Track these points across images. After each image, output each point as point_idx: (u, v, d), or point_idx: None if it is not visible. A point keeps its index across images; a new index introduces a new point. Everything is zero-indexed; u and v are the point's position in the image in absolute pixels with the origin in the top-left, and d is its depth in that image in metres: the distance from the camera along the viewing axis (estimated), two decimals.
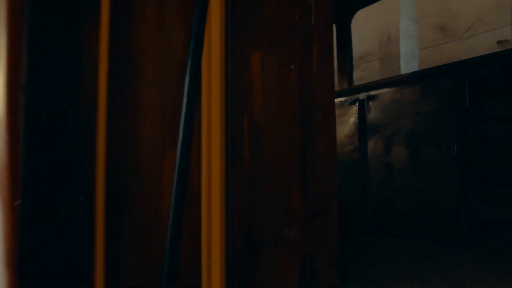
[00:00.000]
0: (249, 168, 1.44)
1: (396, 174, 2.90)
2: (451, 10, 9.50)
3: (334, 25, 5.23)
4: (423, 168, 2.70)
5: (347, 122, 3.28)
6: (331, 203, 1.57)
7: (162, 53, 1.31)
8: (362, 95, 3.23)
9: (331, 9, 1.74)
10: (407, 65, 8.60)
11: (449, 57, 9.37)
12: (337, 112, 3.37)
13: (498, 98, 2.41)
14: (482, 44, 8.85)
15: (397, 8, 8.59)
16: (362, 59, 11.65)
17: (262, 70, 1.49)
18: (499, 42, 8.58)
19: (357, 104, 3.21)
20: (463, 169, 2.54)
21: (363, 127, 3.17)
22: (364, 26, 10.92)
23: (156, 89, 1.30)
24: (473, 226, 2.50)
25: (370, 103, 3.09)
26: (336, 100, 3.54)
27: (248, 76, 1.45)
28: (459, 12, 9.32)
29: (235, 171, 1.42)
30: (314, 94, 1.58)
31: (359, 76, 11.68)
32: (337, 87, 4.68)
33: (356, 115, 3.21)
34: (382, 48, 9.08)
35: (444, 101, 2.56)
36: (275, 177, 1.49)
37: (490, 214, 2.41)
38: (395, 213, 2.89)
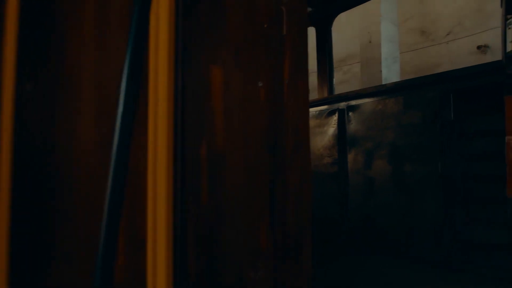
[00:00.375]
0: (208, 202, 1.23)
1: (377, 190, 2.73)
2: (431, 14, 9.46)
3: (314, 30, 5.07)
4: (406, 184, 2.54)
5: (326, 133, 3.10)
6: (304, 240, 1.37)
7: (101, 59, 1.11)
8: (342, 105, 3.05)
9: (306, 15, 1.54)
10: (388, 69, 8.51)
11: (429, 61, 9.33)
12: (316, 122, 3.19)
13: (485, 112, 2.26)
14: (462, 48, 8.82)
15: (379, 11, 8.49)
16: (344, 62, 11.56)
17: (224, 88, 1.28)
18: (479, 47, 8.56)
19: (336, 114, 3.04)
20: (448, 187, 2.38)
21: (343, 139, 3.00)
22: (346, 29, 10.82)
23: (96, 90, 1.12)
24: (458, 248, 2.34)
25: (351, 113, 2.91)
26: (315, 109, 3.36)
27: (207, 96, 1.24)
28: (440, 16, 9.28)
29: (191, 206, 1.21)
30: (285, 114, 1.38)
31: (340, 79, 11.58)
32: (314, 95, 4.51)
33: (335, 125, 3.04)
34: (363, 52, 8.97)
35: (428, 114, 2.40)
36: (238, 212, 1.29)
37: (475, 236, 2.26)
38: (376, 232, 2.72)
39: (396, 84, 2.70)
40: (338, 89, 11.70)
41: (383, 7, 8.52)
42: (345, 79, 11.60)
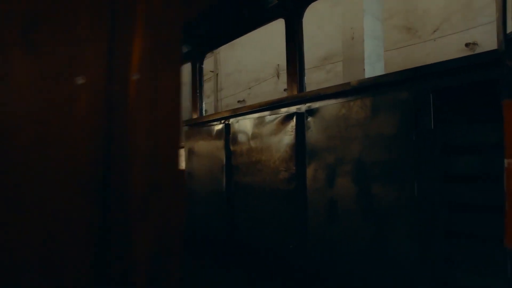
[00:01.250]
0: None
1: (341, 215, 2.16)
2: (417, 10, 8.93)
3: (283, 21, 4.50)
4: (374, 210, 1.97)
5: (282, 142, 2.52)
6: None
7: None
8: (302, 108, 2.48)
9: None
10: (372, 68, 7.98)
11: (415, 59, 8.80)
12: (270, 128, 2.61)
13: (475, 118, 1.70)
14: (450, 46, 8.31)
15: (362, 6, 7.96)
16: (327, 60, 11.01)
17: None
18: (467, 45, 8.07)
19: (294, 119, 2.46)
20: (426, 216, 1.82)
21: (301, 150, 2.42)
22: (328, 25, 10.27)
23: None
24: None
25: (310, 118, 2.34)
26: (269, 113, 2.79)
27: None
28: (426, 13, 8.76)
29: None
30: (130, 132, 0.79)
31: (323, 78, 11.03)
32: (281, 94, 3.93)
33: (293, 133, 2.46)
34: (346, 49, 8.43)
35: (401, 121, 1.83)
36: None
37: (460, 282, 1.71)
38: (340, 268, 2.15)
39: (361, 82, 2.11)
40: None
41: (366, 2, 7.99)
42: (328, 78, 11.05)
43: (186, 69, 10.51)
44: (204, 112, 3.92)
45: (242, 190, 2.78)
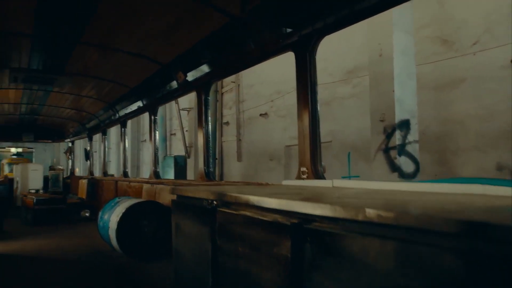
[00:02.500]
0: None
1: None
2: (454, 20, 8.00)
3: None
4: None
5: None
6: None
7: None
8: (300, 216, 1.80)
9: None
10: (402, 87, 7.15)
11: (452, 75, 7.89)
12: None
13: None
14: (492, 61, 7.36)
15: (391, 20, 7.15)
16: (353, 73, 10.20)
17: None
18: None
19: (289, 241, 1.78)
20: None
21: None
22: (354, 36, 9.46)
23: None
24: None
25: (332, 246, 1.65)
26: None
27: None
28: (464, 23, 7.82)
29: None
30: None
31: (348, 93, 10.24)
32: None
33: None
34: (373, 67, 7.63)
35: None
36: None
37: None
38: None
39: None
40: (346, 105, 10.39)
41: (396, 15, 7.17)
42: (354, 93, 10.22)
43: (192, 96, 9.92)
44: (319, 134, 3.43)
45: None
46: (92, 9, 4.35)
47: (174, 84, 6.22)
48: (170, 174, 16.73)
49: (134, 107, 8.27)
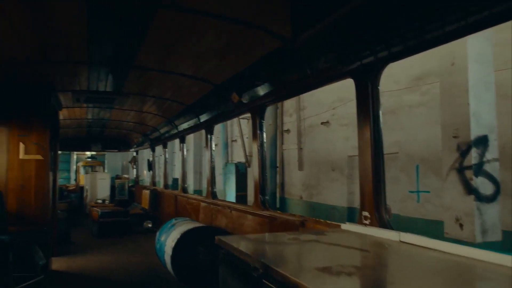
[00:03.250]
0: None
1: None
2: None
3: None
4: None
5: None
6: None
7: None
8: None
9: None
10: (478, 100, 6.40)
11: None
12: None
13: None
14: None
15: None
16: (421, 80, 9.46)
17: None
18: None
19: None
20: None
21: None
22: None
23: None
24: None
25: None
26: None
27: None
28: None
29: None
30: None
31: (417, 101, 9.50)
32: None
33: None
34: (444, 76, 6.93)
35: None
36: None
37: None
38: None
39: None
40: (414, 114, 9.64)
41: None
42: (423, 102, 9.48)
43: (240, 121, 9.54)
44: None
45: None
46: (142, 35, 4.25)
47: (229, 104, 6.02)
48: (231, 181, 16.70)
49: (191, 123, 8.21)
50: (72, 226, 11.34)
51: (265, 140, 5.24)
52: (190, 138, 21.36)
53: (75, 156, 37.52)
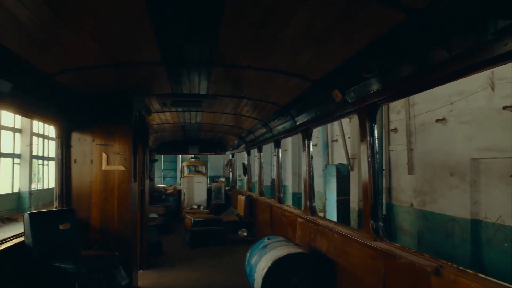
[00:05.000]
0: None
1: None
2: None
3: None
4: None
5: None
6: None
7: None
8: None
9: None
10: None
11: None
12: None
13: None
14: None
15: None
16: None
17: None
18: None
19: None
20: None
21: None
22: None
23: None
24: None
25: None
26: None
27: None
28: None
29: None
30: None
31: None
32: None
33: None
34: None
35: None
36: None
37: None
38: None
39: None
40: None
41: None
42: None
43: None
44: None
45: None
46: (214, 33, 3.43)
47: (330, 104, 4.94)
48: (332, 184, 15.49)
49: (287, 126, 7.26)
50: (168, 232, 11.14)
51: (377, 151, 4.07)
52: (288, 139, 20.56)
53: (180, 156, 39.07)
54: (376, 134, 4.14)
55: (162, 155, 38.31)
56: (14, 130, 17.90)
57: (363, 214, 4.24)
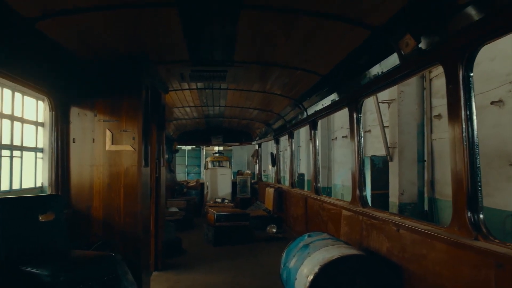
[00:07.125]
0: None
1: None
2: None
3: None
4: None
5: None
6: None
7: None
8: None
9: None
10: None
11: None
12: None
13: None
14: None
15: None
16: None
17: None
18: None
19: None
20: None
21: None
22: None
23: None
24: None
25: None
26: None
27: None
28: None
29: None
30: None
31: None
32: None
33: None
34: None
35: None
36: None
37: None
38: None
39: None
40: None
41: None
42: None
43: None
44: None
45: None
46: None
47: (388, 62, 3.76)
48: (365, 177, 14.20)
49: (326, 102, 6.08)
50: (189, 227, 10.11)
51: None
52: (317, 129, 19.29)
53: (204, 152, 38.34)
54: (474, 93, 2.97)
55: (186, 150, 37.66)
56: (36, 123, 17.27)
57: (453, 204, 3.04)
